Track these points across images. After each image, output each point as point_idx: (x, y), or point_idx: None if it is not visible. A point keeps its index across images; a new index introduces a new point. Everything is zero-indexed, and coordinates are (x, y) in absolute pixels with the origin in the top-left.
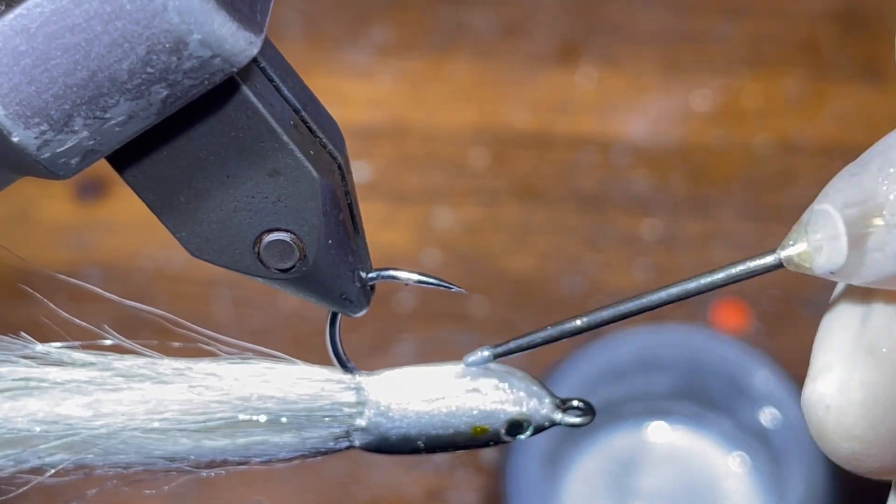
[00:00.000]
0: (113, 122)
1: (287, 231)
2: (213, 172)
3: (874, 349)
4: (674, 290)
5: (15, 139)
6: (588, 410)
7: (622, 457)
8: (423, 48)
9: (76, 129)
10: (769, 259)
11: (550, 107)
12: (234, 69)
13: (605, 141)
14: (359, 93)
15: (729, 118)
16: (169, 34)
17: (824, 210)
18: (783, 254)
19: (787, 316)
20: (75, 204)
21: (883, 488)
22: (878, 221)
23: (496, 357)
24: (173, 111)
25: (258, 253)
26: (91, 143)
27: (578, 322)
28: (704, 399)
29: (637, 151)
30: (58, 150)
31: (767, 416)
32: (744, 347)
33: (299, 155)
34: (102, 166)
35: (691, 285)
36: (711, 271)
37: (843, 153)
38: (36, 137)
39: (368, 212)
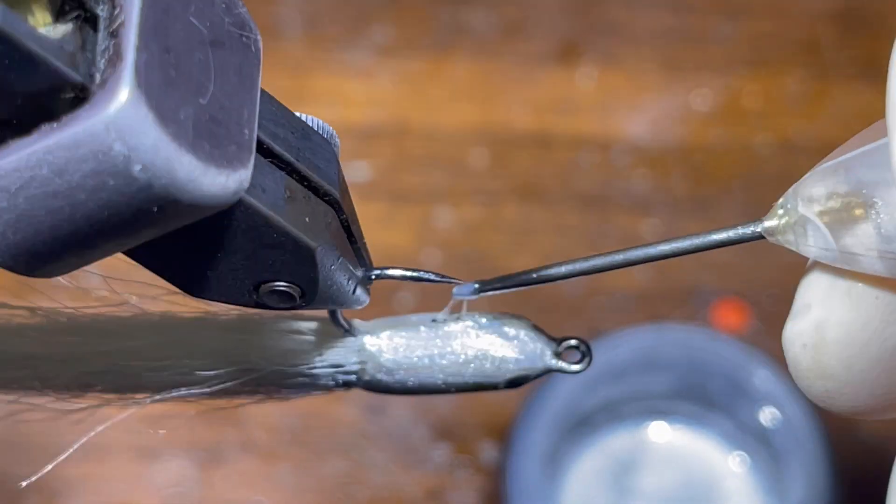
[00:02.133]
0: (101, 251)
1: (286, 282)
2: (208, 250)
3: (851, 291)
4: (664, 247)
5: (6, 267)
6: (585, 353)
7: (622, 457)
8: (423, 48)
9: (65, 259)
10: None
11: (550, 107)
12: (224, 208)
13: (605, 141)
14: (359, 93)
15: (729, 118)
16: (157, 200)
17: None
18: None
19: (787, 316)
20: None
21: (883, 486)
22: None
23: (480, 292)
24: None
25: (257, 296)
26: (81, 263)
27: (563, 269)
28: (704, 399)
29: (637, 151)
30: (46, 271)
31: (767, 416)
32: (744, 347)
33: (296, 233)
34: None
35: (683, 244)
36: (693, 235)
37: None
38: (26, 266)
39: (368, 212)
